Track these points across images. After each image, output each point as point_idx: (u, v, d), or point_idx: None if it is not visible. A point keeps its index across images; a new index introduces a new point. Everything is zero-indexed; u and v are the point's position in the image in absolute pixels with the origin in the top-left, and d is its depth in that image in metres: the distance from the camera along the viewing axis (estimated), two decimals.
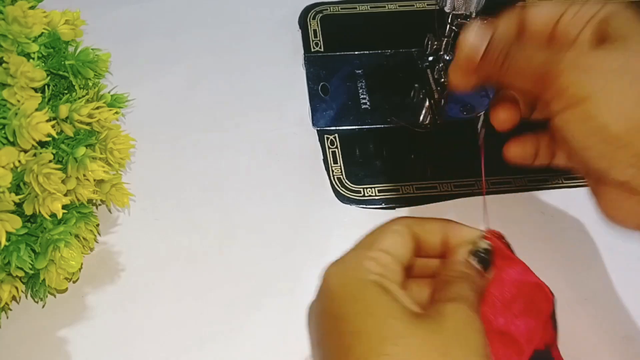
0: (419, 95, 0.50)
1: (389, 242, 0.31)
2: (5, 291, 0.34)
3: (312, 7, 0.57)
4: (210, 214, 0.43)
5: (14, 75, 0.31)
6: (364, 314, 0.28)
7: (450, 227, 0.33)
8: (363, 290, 0.29)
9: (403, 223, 0.32)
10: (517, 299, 0.32)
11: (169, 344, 0.37)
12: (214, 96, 0.50)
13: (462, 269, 0.31)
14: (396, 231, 0.31)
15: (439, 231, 0.32)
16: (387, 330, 0.27)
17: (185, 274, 0.40)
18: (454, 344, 0.27)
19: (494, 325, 0.31)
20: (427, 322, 0.27)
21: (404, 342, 0.26)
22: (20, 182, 0.33)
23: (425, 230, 0.32)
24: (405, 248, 0.31)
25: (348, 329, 0.28)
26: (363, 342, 0.27)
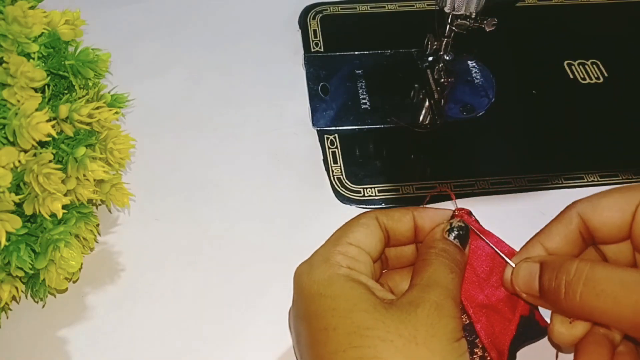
0: (419, 95, 0.50)
1: (356, 235, 0.31)
2: (5, 291, 0.34)
3: (312, 7, 0.57)
4: (210, 213, 0.43)
5: (14, 75, 0.31)
6: (332, 310, 0.28)
7: (418, 212, 0.33)
8: (332, 285, 0.29)
9: (370, 216, 0.32)
10: (494, 271, 0.32)
11: (169, 343, 0.37)
12: (214, 96, 0.50)
13: (440, 245, 0.31)
14: (363, 224, 0.32)
15: (407, 217, 0.33)
16: (354, 323, 0.27)
17: (185, 274, 0.40)
18: (424, 332, 0.27)
19: (478, 300, 0.31)
20: (397, 311, 0.28)
21: (371, 333, 0.27)
22: (20, 182, 0.33)
23: (392, 219, 0.33)
24: (373, 239, 0.32)
25: (318, 325, 0.28)
26: (331, 337, 0.27)
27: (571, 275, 0.27)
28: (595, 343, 0.28)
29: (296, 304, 0.31)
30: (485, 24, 0.42)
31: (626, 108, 0.51)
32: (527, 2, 0.59)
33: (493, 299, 0.32)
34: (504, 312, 0.32)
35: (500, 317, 0.32)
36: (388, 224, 0.32)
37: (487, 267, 0.32)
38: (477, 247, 0.33)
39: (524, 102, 0.51)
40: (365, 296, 0.28)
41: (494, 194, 0.45)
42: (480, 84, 0.51)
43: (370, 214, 0.33)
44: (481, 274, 0.32)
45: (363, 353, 0.26)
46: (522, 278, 0.30)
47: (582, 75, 0.53)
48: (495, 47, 0.54)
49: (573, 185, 0.46)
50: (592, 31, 0.56)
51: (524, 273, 0.30)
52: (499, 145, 0.49)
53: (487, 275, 0.32)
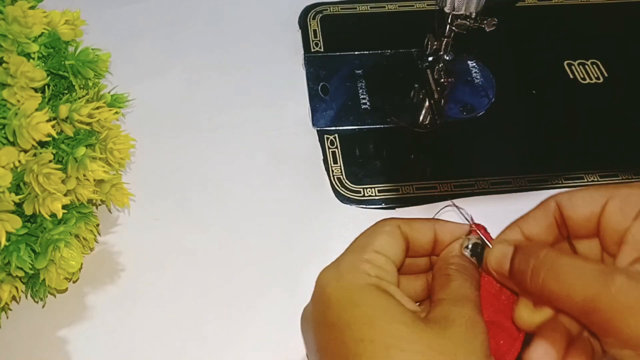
0: (419, 95, 0.50)
1: (382, 243, 0.31)
2: (5, 291, 0.34)
3: (312, 7, 0.57)
4: (210, 213, 0.43)
5: (14, 75, 0.31)
6: (367, 320, 0.27)
7: (439, 225, 0.33)
8: (363, 295, 0.28)
9: (393, 224, 0.32)
10: (504, 287, 0.32)
11: (169, 343, 0.37)
12: (214, 96, 0.50)
13: (460, 262, 0.31)
14: (388, 232, 0.31)
15: (428, 230, 0.33)
16: (393, 336, 0.27)
17: (185, 274, 0.40)
18: (461, 348, 0.27)
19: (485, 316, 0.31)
20: (434, 326, 0.27)
21: (411, 347, 0.26)
22: (20, 182, 0.33)
23: (414, 230, 0.32)
24: (397, 248, 0.31)
25: (352, 336, 0.27)
26: (369, 349, 0.26)
27: (539, 260, 0.28)
28: (552, 329, 0.29)
29: (320, 312, 0.30)
30: (485, 24, 0.42)
31: (626, 108, 0.51)
32: (527, 2, 0.59)
33: (501, 315, 0.31)
34: (511, 330, 0.31)
35: (507, 334, 0.31)
36: (410, 234, 0.32)
37: (497, 284, 0.32)
38: None
39: (524, 102, 0.51)
40: (401, 308, 0.28)
41: (494, 194, 0.45)
42: (480, 84, 0.51)
43: (392, 222, 0.32)
44: (491, 291, 0.32)
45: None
46: (495, 257, 0.31)
47: (582, 75, 0.53)
48: (495, 47, 0.54)
49: (573, 185, 0.46)
50: (592, 31, 0.56)
51: (497, 253, 0.31)
52: (499, 145, 0.49)
53: (497, 292, 0.32)
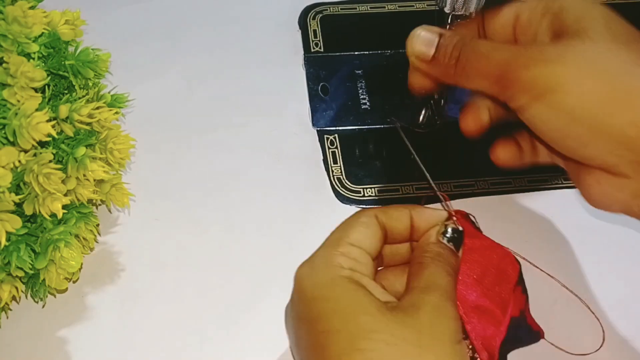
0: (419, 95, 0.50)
1: (357, 235, 0.31)
2: (5, 291, 0.34)
3: (312, 7, 0.57)
4: (210, 213, 0.43)
5: (14, 75, 0.31)
6: (334, 312, 0.28)
7: (416, 211, 0.33)
8: (334, 288, 0.29)
9: (369, 214, 0.32)
10: (487, 272, 0.32)
11: (169, 343, 0.37)
12: (214, 96, 0.50)
13: (435, 249, 0.31)
14: (362, 223, 0.32)
15: (404, 216, 0.33)
16: (358, 326, 0.27)
17: (185, 274, 0.40)
18: (427, 335, 0.27)
19: (469, 301, 0.32)
20: (400, 315, 0.28)
21: (376, 336, 0.27)
22: (20, 182, 0.33)
23: (391, 217, 0.33)
24: (373, 238, 0.32)
25: (321, 328, 0.28)
26: (335, 340, 0.27)
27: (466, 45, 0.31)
28: None
29: (296, 307, 0.31)
30: None
31: None
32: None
33: (485, 300, 0.32)
34: (495, 314, 0.32)
35: (491, 318, 0.32)
36: (387, 223, 0.33)
37: (479, 269, 0.32)
38: (470, 249, 0.33)
39: None
40: (368, 298, 0.28)
41: (494, 194, 0.45)
42: None
43: (369, 212, 0.33)
44: (473, 275, 0.32)
45: (367, 356, 0.26)
46: (420, 40, 0.32)
47: None
48: None
49: (573, 185, 0.46)
50: None
51: (422, 38, 0.32)
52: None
53: (479, 277, 0.32)
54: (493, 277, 0.32)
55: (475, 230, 0.33)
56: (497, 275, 0.32)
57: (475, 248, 0.33)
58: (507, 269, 0.33)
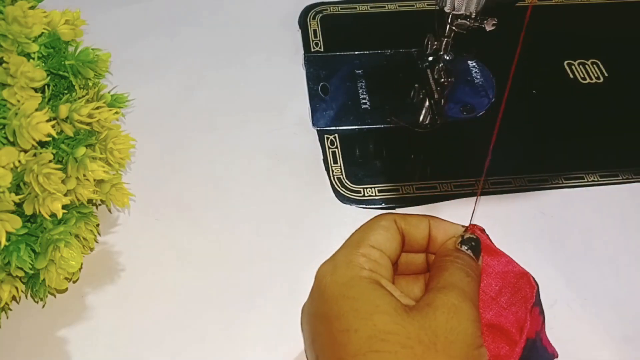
0: (419, 95, 0.50)
1: (378, 237, 0.31)
2: (5, 291, 0.34)
3: (312, 7, 0.57)
4: (210, 213, 0.43)
5: (14, 75, 0.31)
6: (354, 311, 0.28)
7: (434, 222, 0.33)
8: (354, 287, 0.29)
9: (389, 218, 0.32)
10: (503, 290, 0.32)
11: (169, 343, 0.37)
12: (214, 96, 0.50)
13: (455, 254, 0.31)
14: (384, 227, 0.32)
15: (423, 225, 0.33)
16: (374, 327, 0.27)
17: (185, 274, 0.40)
18: (443, 336, 0.27)
19: (484, 319, 0.31)
20: (417, 315, 0.28)
21: (391, 338, 0.27)
22: (20, 182, 0.33)
23: (410, 224, 0.33)
24: (393, 243, 0.32)
25: (339, 327, 0.28)
26: (352, 339, 0.27)
27: None
28: None
29: (315, 304, 0.30)
30: (485, 24, 0.42)
31: (626, 108, 0.51)
32: (527, 2, 0.59)
33: (501, 319, 0.31)
34: (511, 334, 0.31)
35: (507, 338, 0.31)
36: (405, 229, 0.33)
37: (496, 287, 0.32)
38: (487, 265, 0.32)
39: (524, 102, 0.51)
40: (387, 299, 0.28)
41: (494, 194, 0.45)
42: (480, 84, 0.51)
43: (389, 216, 0.33)
44: (490, 293, 0.32)
45: (383, 357, 0.26)
46: None
47: (582, 75, 0.53)
48: (495, 47, 0.54)
49: (573, 185, 0.46)
50: (592, 31, 0.56)
51: None
52: (499, 145, 0.48)
53: (496, 295, 0.32)
54: (509, 296, 0.32)
55: (492, 245, 0.33)
56: (514, 294, 0.32)
57: (493, 265, 0.33)
58: (524, 288, 0.32)
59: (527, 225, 0.43)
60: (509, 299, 0.32)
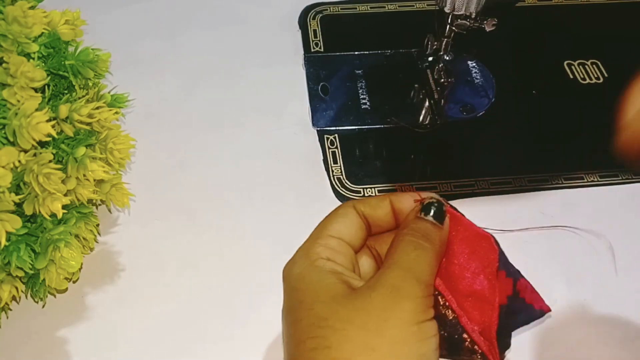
0: (419, 96, 0.50)
1: (336, 226, 0.32)
2: (5, 291, 0.34)
3: (312, 7, 0.57)
4: (210, 214, 0.43)
5: (14, 75, 0.31)
6: (299, 303, 0.29)
7: (395, 197, 0.33)
8: (304, 279, 0.30)
9: (348, 205, 0.33)
10: (472, 257, 0.32)
11: (169, 343, 0.37)
12: (214, 96, 0.50)
13: (412, 225, 0.31)
14: (341, 214, 0.32)
15: (384, 204, 0.33)
16: (314, 315, 0.28)
17: (185, 274, 0.40)
18: (376, 316, 0.27)
19: (459, 290, 0.31)
20: (354, 299, 0.28)
21: (326, 323, 0.27)
22: (20, 182, 0.33)
23: (370, 205, 0.33)
24: (352, 227, 0.32)
25: (290, 319, 0.29)
26: (297, 329, 0.28)
27: None
28: None
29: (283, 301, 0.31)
30: (485, 24, 0.42)
31: None
32: (527, 2, 0.59)
33: (475, 285, 0.31)
34: (488, 298, 0.31)
35: (485, 303, 0.31)
36: (366, 211, 0.33)
37: (464, 254, 0.32)
38: (453, 235, 0.32)
39: (524, 102, 0.51)
40: (329, 287, 0.29)
41: (494, 194, 0.45)
42: (480, 84, 0.51)
43: (347, 203, 0.33)
44: (460, 261, 0.32)
45: (317, 343, 0.27)
46: None
47: (582, 75, 0.53)
48: (495, 47, 0.54)
49: (573, 185, 0.46)
50: (592, 31, 0.56)
51: None
52: (499, 145, 0.49)
53: (466, 262, 0.32)
54: (477, 262, 0.32)
55: (454, 211, 0.32)
56: (481, 260, 0.32)
57: (459, 231, 0.32)
58: (488, 252, 0.32)
59: (527, 225, 0.43)
60: (478, 264, 0.32)
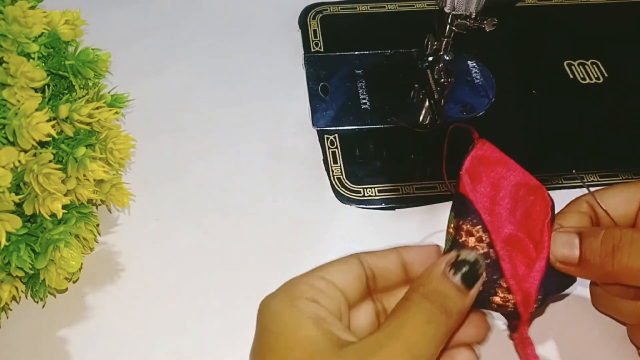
0: (419, 96, 0.50)
1: (331, 270, 0.29)
2: (5, 291, 0.34)
3: (312, 7, 0.57)
4: (210, 214, 0.43)
5: (14, 75, 0.31)
6: (269, 349, 0.26)
7: (403, 249, 0.30)
8: (278, 321, 0.27)
9: (353, 255, 0.30)
10: (518, 205, 0.30)
11: (169, 343, 0.37)
12: (214, 96, 0.50)
13: (433, 285, 0.27)
14: (342, 261, 0.30)
15: (393, 256, 0.30)
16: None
17: (185, 274, 0.40)
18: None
19: (504, 235, 0.29)
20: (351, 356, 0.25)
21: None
22: (20, 182, 0.33)
23: (377, 256, 0.30)
24: (350, 276, 0.29)
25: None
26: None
27: (618, 239, 0.28)
28: None
29: (255, 335, 0.28)
30: (485, 24, 0.42)
31: (626, 108, 0.51)
32: (527, 2, 0.59)
33: (518, 234, 0.30)
34: (529, 251, 0.30)
35: (525, 256, 0.30)
36: (371, 262, 0.30)
37: (512, 200, 0.30)
38: (501, 177, 0.30)
39: (524, 102, 0.51)
40: (308, 340, 0.25)
41: None
42: (480, 84, 0.51)
43: (353, 254, 0.31)
44: (507, 207, 0.30)
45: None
46: (560, 247, 0.29)
47: (582, 75, 0.53)
48: (495, 47, 0.54)
49: (573, 185, 0.46)
50: (592, 31, 0.56)
51: (561, 242, 0.29)
52: (499, 145, 0.48)
53: (513, 209, 0.30)
54: (523, 210, 0.30)
55: (504, 156, 0.31)
56: (528, 209, 0.30)
57: (507, 177, 0.30)
58: (539, 203, 0.30)
59: None
60: (525, 214, 0.30)
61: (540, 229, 0.30)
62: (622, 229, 0.29)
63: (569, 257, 0.29)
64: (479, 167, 0.31)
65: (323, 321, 0.26)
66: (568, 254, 0.29)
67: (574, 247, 0.29)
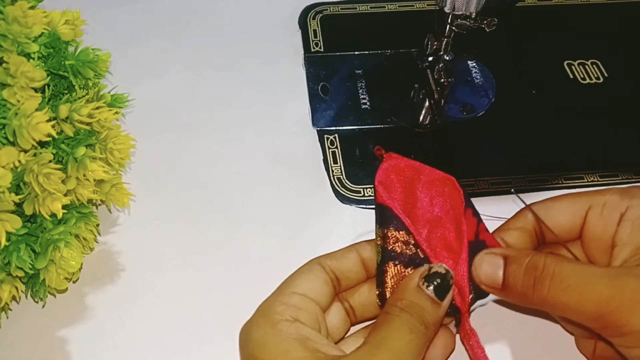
0: (419, 95, 0.50)
1: (299, 282, 0.30)
2: (5, 291, 0.34)
3: (312, 7, 0.57)
4: (210, 213, 0.43)
5: (14, 75, 0.31)
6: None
7: (360, 245, 0.32)
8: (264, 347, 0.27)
9: (312, 262, 0.31)
10: (434, 201, 0.32)
11: (169, 343, 0.37)
12: (214, 96, 0.50)
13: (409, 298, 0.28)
14: (304, 271, 0.30)
15: (351, 254, 0.31)
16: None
17: (185, 274, 0.40)
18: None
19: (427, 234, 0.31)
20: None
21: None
22: (20, 182, 0.33)
23: (335, 258, 0.31)
24: (317, 283, 0.30)
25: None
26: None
27: (540, 271, 0.28)
28: None
29: None
30: (485, 24, 0.42)
31: (626, 108, 0.51)
32: (527, 2, 0.59)
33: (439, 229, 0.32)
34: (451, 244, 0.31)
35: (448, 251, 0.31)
36: (332, 265, 0.31)
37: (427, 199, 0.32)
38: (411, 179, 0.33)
39: (523, 102, 0.51)
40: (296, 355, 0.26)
41: (494, 194, 0.45)
42: (480, 84, 0.51)
43: (312, 260, 0.32)
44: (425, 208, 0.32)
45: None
46: (485, 270, 0.30)
47: (582, 75, 0.53)
48: (495, 47, 0.54)
49: (573, 185, 0.46)
50: (592, 31, 0.56)
51: (486, 265, 0.30)
52: (499, 145, 0.49)
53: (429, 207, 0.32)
54: (441, 205, 0.32)
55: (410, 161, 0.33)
56: (444, 202, 0.32)
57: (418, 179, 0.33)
58: (452, 194, 0.33)
59: None
60: (441, 208, 0.32)
61: (459, 220, 0.32)
62: (548, 257, 0.28)
63: (493, 282, 0.29)
64: (390, 176, 0.33)
65: (307, 340, 0.27)
66: (492, 278, 0.29)
67: (499, 270, 0.29)
